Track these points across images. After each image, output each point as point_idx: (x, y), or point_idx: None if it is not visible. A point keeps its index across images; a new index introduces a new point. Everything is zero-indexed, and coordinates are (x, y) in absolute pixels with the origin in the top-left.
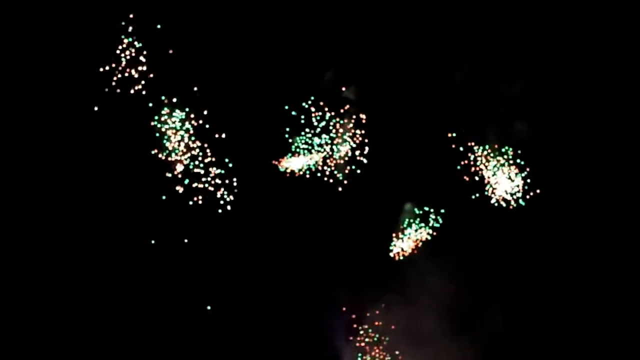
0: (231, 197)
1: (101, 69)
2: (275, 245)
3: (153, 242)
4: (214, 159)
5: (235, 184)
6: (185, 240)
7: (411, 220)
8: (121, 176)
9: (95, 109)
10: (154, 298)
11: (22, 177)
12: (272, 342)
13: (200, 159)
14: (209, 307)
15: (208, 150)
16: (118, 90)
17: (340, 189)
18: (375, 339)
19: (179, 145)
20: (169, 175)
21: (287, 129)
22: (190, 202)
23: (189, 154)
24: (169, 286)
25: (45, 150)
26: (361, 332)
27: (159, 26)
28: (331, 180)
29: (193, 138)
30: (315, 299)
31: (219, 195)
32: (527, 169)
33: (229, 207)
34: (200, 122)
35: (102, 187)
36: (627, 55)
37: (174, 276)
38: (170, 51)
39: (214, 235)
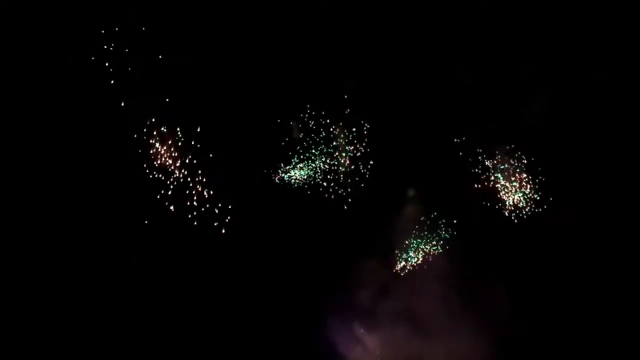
0: (232, 199)
1: (100, 70)
2: (276, 247)
3: (152, 242)
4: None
5: (236, 186)
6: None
7: (418, 231)
8: (121, 176)
9: (95, 109)
10: (154, 298)
11: (21, 177)
12: (272, 342)
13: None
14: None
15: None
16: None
17: (342, 196)
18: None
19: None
20: (170, 174)
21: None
22: (190, 203)
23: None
24: (168, 286)
25: (45, 150)
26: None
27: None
28: (333, 195)
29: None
30: (316, 299)
31: (219, 197)
32: (540, 177)
33: (229, 209)
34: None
35: (102, 187)
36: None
37: (174, 276)
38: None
39: (214, 236)
